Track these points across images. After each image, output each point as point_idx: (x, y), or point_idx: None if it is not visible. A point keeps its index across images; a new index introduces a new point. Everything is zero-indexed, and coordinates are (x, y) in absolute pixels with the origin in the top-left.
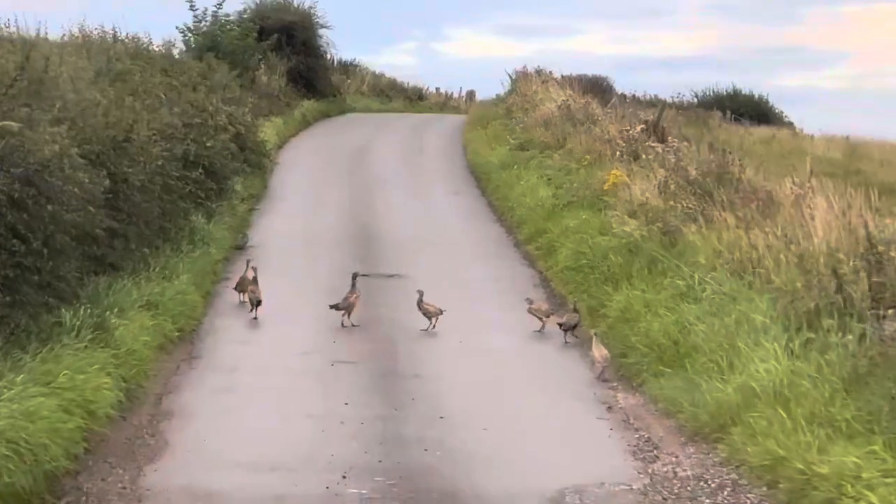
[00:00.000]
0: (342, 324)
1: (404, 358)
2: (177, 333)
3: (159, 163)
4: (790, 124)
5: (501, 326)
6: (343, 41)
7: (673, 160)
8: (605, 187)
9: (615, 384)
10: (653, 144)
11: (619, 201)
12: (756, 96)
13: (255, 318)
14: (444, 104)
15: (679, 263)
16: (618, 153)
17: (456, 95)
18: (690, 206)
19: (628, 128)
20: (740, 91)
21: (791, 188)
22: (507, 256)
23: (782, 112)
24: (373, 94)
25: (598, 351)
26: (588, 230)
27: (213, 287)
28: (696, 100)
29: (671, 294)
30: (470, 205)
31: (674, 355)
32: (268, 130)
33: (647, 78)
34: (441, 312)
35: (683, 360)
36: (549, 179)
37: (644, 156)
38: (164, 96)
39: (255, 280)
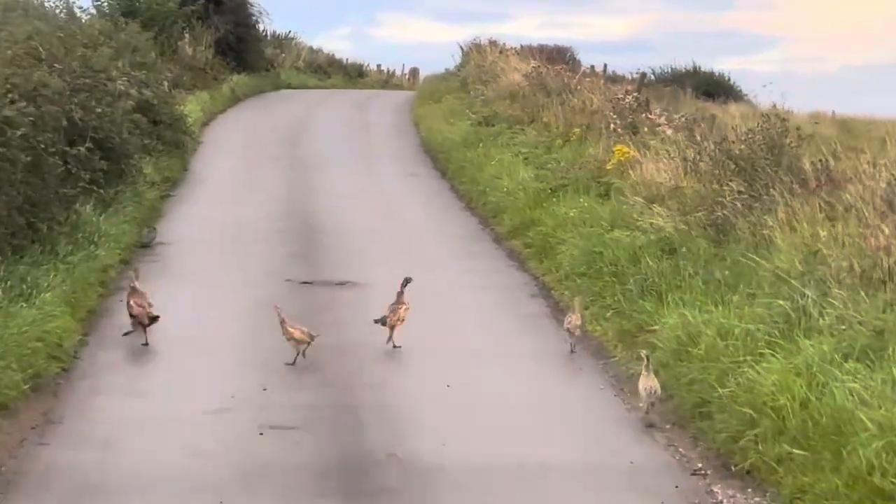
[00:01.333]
0: (392, 344)
1: (370, 419)
2: (26, 386)
3: (20, 132)
4: (750, 102)
5: (503, 358)
6: (276, 26)
7: (700, 131)
8: (609, 167)
9: (700, 467)
10: (651, 116)
11: (629, 184)
12: (716, 74)
13: (146, 345)
14: (386, 81)
15: (758, 267)
16: (612, 126)
17: (398, 73)
18: (741, 189)
19: (620, 96)
20: (699, 68)
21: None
22: (488, 255)
23: (741, 89)
24: (310, 70)
25: (645, 383)
26: (597, 222)
27: (101, 304)
28: (653, 77)
29: (770, 319)
30: (430, 189)
31: (805, 427)
32: (191, 105)
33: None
34: (312, 339)
35: (831, 439)
36: (525, 158)
37: (645, 129)
38: (42, 50)
39: (136, 290)
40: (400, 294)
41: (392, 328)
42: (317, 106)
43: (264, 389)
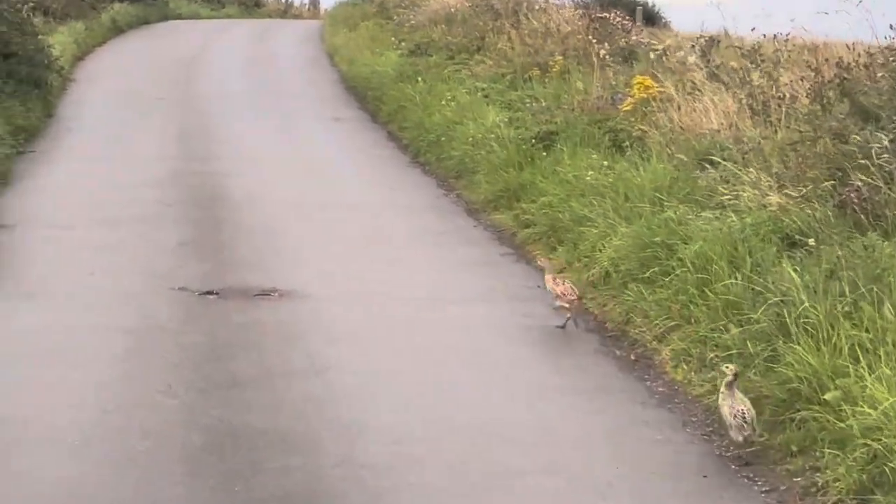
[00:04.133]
0: None
1: None
2: None
3: None
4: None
5: (562, 453)
6: None
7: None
8: (624, 107)
9: None
10: (643, 39)
11: (661, 133)
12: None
13: None
14: (285, 11)
15: None
16: (601, 53)
17: (297, 2)
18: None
19: (605, 14)
20: None
21: None
22: (467, 237)
23: (663, 16)
24: None
25: (730, 405)
26: (637, 191)
27: None
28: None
29: None
30: (362, 138)
31: None
32: (62, 37)
33: None
34: None
35: None
36: (486, 96)
37: (651, 55)
38: None
39: None
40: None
41: None
42: (212, 37)
43: None
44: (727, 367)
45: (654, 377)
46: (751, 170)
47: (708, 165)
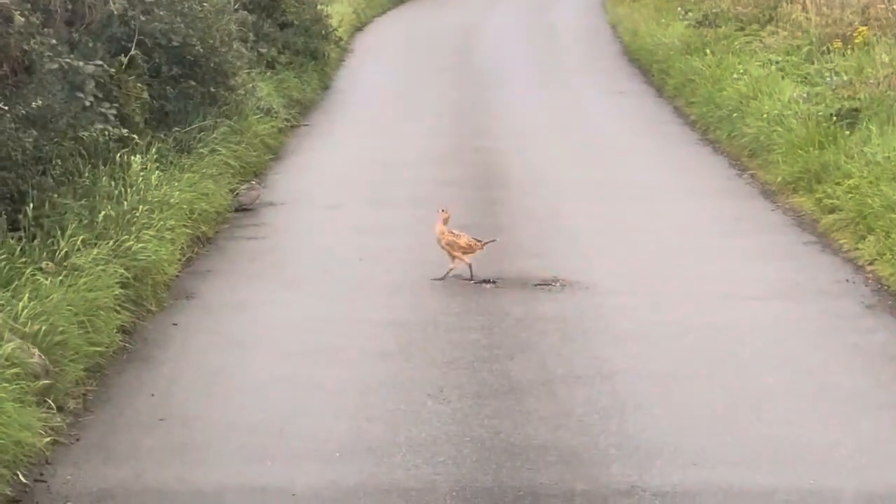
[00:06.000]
0: None
1: None
2: None
3: None
4: None
5: None
6: None
7: None
8: None
9: None
10: None
11: None
12: None
13: None
14: None
15: None
16: None
17: None
18: None
19: None
20: None
21: None
22: (764, 222)
23: None
24: None
25: None
26: None
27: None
28: None
29: None
30: (647, 112)
31: None
32: (341, 6)
33: None
34: None
35: None
36: (781, 69)
37: None
38: None
39: None
40: None
41: None
42: (492, 6)
43: None
44: None
45: None
46: None
47: None
